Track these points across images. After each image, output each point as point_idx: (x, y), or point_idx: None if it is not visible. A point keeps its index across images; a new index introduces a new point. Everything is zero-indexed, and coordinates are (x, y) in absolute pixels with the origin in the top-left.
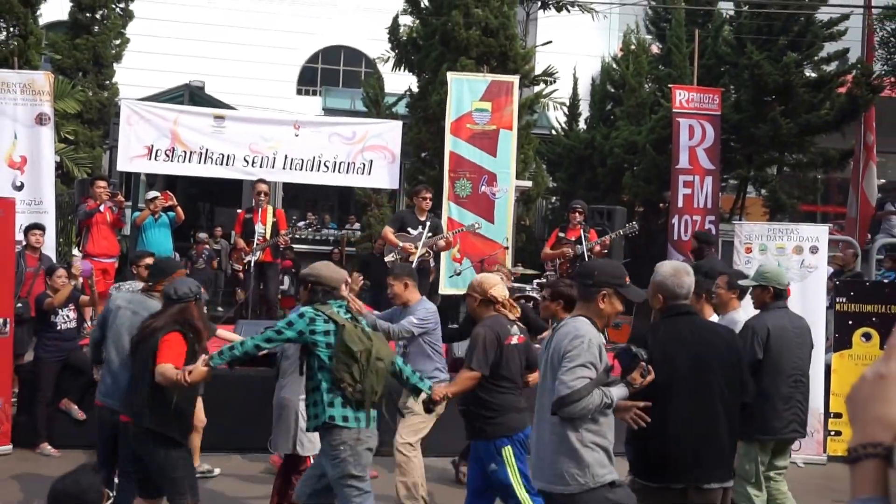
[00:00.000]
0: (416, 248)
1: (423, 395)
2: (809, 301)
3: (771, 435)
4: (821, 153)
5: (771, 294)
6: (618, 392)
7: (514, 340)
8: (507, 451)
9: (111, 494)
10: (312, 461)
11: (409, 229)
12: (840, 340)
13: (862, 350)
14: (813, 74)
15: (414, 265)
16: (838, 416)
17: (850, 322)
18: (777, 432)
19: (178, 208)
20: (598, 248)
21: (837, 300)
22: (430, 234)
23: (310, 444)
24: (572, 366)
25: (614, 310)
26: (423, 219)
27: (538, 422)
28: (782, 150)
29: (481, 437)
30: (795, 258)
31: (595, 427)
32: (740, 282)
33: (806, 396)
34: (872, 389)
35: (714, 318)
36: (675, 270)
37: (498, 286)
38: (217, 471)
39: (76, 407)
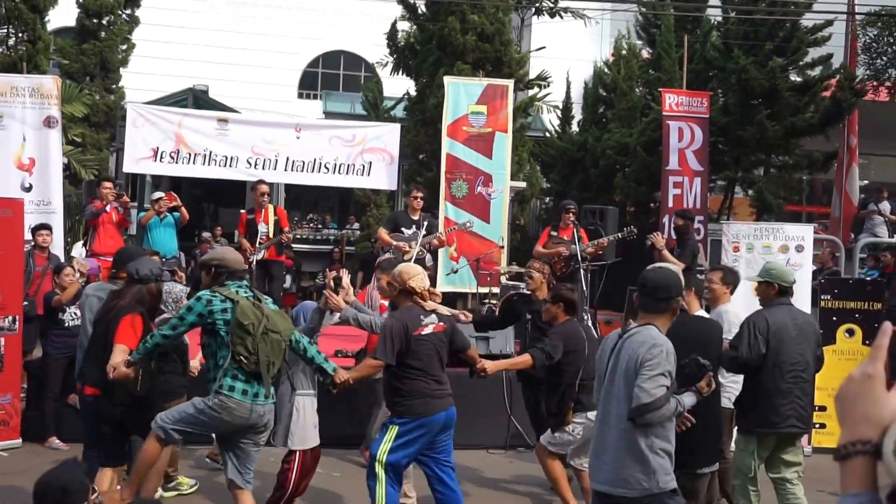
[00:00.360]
0: (411, 247)
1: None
2: (795, 298)
3: (769, 429)
4: (806, 155)
5: (776, 290)
6: (688, 400)
7: (427, 330)
8: (392, 431)
9: (95, 488)
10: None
11: (403, 229)
12: (824, 336)
13: (845, 346)
14: (798, 79)
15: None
16: (822, 409)
17: (834, 318)
18: (775, 426)
19: (183, 209)
20: (591, 249)
21: (822, 297)
22: (424, 233)
23: (299, 440)
24: (653, 374)
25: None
26: (416, 218)
27: (602, 425)
28: (768, 152)
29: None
30: (781, 257)
31: (663, 433)
32: (750, 278)
33: (806, 392)
34: (860, 389)
35: (700, 312)
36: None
37: (416, 277)
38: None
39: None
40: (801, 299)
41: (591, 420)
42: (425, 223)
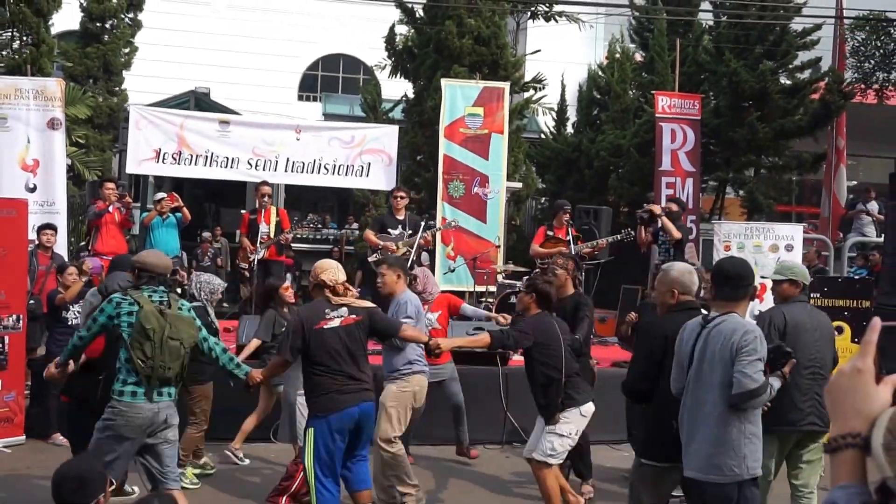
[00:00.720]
0: (398, 246)
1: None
2: None
3: (789, 426)
4: (795, 156)
5: (801, 288)
6: (776, 384)
7: (332, 324)
8: (310, 436)
9: (114, 480)
10: None
11: (390, 230)
12: None
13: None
14: (787, 82)
15: None
16: None
17: None
18: (795, 424)
19: (185, 209)
20: (588, 250)
21: (811, 295)
22: (410, 233)
23: None
24: (752, 359)
25: None
26: (401, 218)
27: (691, 413)
28: (759, 153)
29: None
30: (772, 256)
31: (755, 418)
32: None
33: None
34: (850, 383)
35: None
36: (688, 269)
37: (328, 271)
38: (247, 461)
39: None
40: None
41: (584, 415)
42: (420, 223)
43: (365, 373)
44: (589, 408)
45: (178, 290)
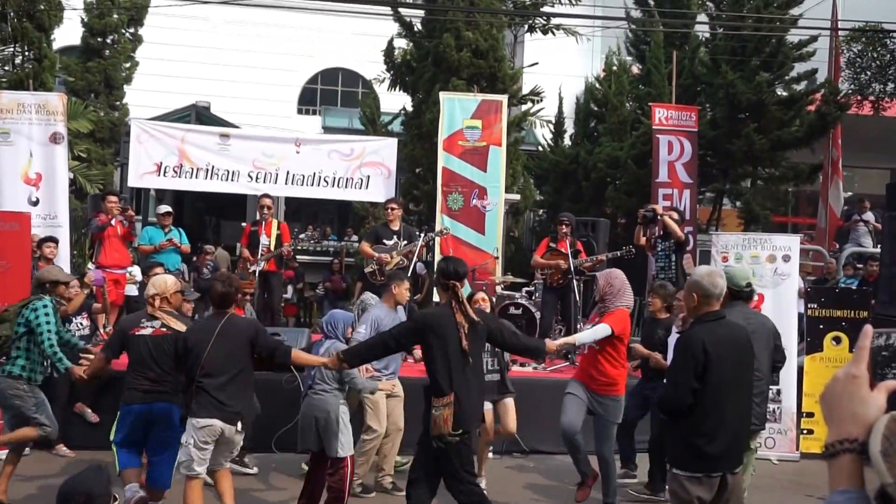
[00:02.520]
0: (392, 257)
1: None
2: (782, 306)
3: None
4: (791, 167)
5: (729, 296)
6: None
7: (144, 331)
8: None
9: (117, 496)
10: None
11: (385, 241)
12: (812, 344)
13: (832, 353)
14: (784, 93)
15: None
16: (810, 415)
17: (821, 326)
18: None
19: (184, 246)
20: (588, 264)
21: (809, 306)
22: (405, 243)
23: (347, 445)
24: None
25: None
26: (395, 229)
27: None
28: (755, 164)
29: None
30: (769, 266)
31: None
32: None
33: (762, 391)
34: (845, 388)
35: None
36: (710, 272)
37: (151, 286)
38: (255, 469)
39: (90, 410)
40: (789, 307)
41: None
42: (414, 233)
43: (167, 379)
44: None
45: None
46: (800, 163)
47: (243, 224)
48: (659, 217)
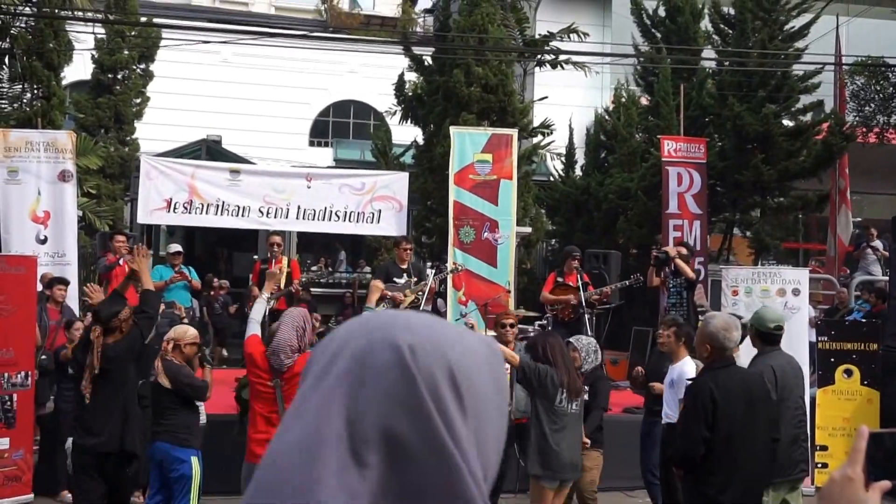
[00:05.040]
0: (406, 294)
1: None
2: (793, 340)
3: (783, 477)
4: (800, 197)
5: (757, 338)
6: None
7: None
8: None
9: None
10: None
11: (395, 279)
12: (823, 377)
13: (844, 386)
14: (790, 124)
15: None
16: (824, 448)
17: (832, 359)
18: (788, 474)
19: (194, 282)
20: (596, 297)
21: (819, 339)
22: (415, 280)
23: None
24: None
25: None
26: (405, 267)
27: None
28: (764, 194)
29: None
30: (779, 300)
31: None
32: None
33: (808, 435)
34: (842, 491)
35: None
36: (726, 325)
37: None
38: None
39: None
40: (800, 341)
41: None
42: (423, 270)
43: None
44: None
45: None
46: (809, 191)
47: (255, 257)
48: (672, 259)
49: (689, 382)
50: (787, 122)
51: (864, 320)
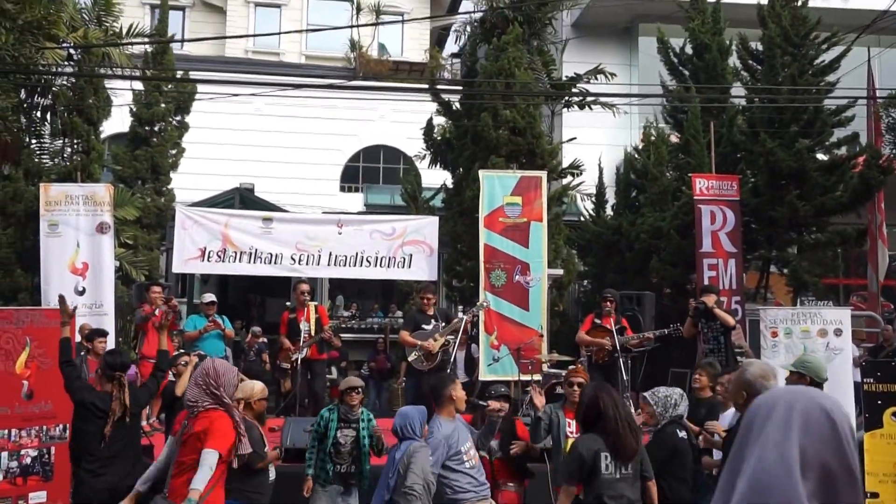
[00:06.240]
0: (436, 339)
1: None
2: (837, 381)
3: None
4: (839, 232)
5: (808, 383)
6: None
7: None
8: None
9: None
10: None
11: (424, 326)
12: (870, 420)
13: (893, 429)
14: (825, 158)
15: (438, 356)
16: (875, 495)
17: (879, 402)
18: None
19: (228, 331)
20: (635, 342)
21: (865, 381)
22: (443, 325)
23: None
24: None
25: None
26: (431, 314)
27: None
28: (800, 230)
29: None
30: (820, 341)
31: None
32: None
33: None
34: None
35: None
36: (764, 373)
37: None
38: None
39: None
40: (844, 382)
41: None
42: (448, 314)
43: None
44: None
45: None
46: (847, 225)
47: (287, 304)
48: (710, 309)
49: (726, 433)
50: (821, 157)
51: None
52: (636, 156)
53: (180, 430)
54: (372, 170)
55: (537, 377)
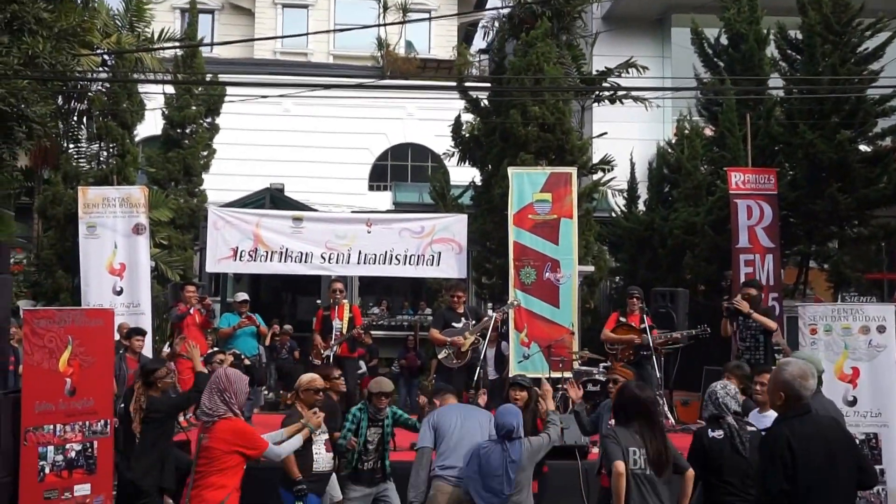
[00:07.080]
0: (466, 337)
1: None
2: (880, 379)
3: None
4: (882, 225)
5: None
6: None
7: None
8: None
9: None
10: None
11: (454, 324)
12: None
13: None
14: (867, 149)
15: (469, 354)
16: None
17: None
18: None
19: (262, 327)
20: (661, 341)
21: None
22: (473, 322)
23: None
24: None
25: None
26: (461, 311)
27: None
28: (842, 224)
29: None
30: (862, 338)
31: None
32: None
33: None
34: None
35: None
36: (803, 372)
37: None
38: None
39: (171, 501)
40: (888, 381)
41: None
42: (479, 311)
43: None
44: None
45: None
46: (892, 218)
47: (318, 301)
48: (749, 315)
49: (763, 433)
50: (863, 148)
51: None
52: (669, 150)
53: (198, 442)
54: (400, 168)
55: (568, 374)
